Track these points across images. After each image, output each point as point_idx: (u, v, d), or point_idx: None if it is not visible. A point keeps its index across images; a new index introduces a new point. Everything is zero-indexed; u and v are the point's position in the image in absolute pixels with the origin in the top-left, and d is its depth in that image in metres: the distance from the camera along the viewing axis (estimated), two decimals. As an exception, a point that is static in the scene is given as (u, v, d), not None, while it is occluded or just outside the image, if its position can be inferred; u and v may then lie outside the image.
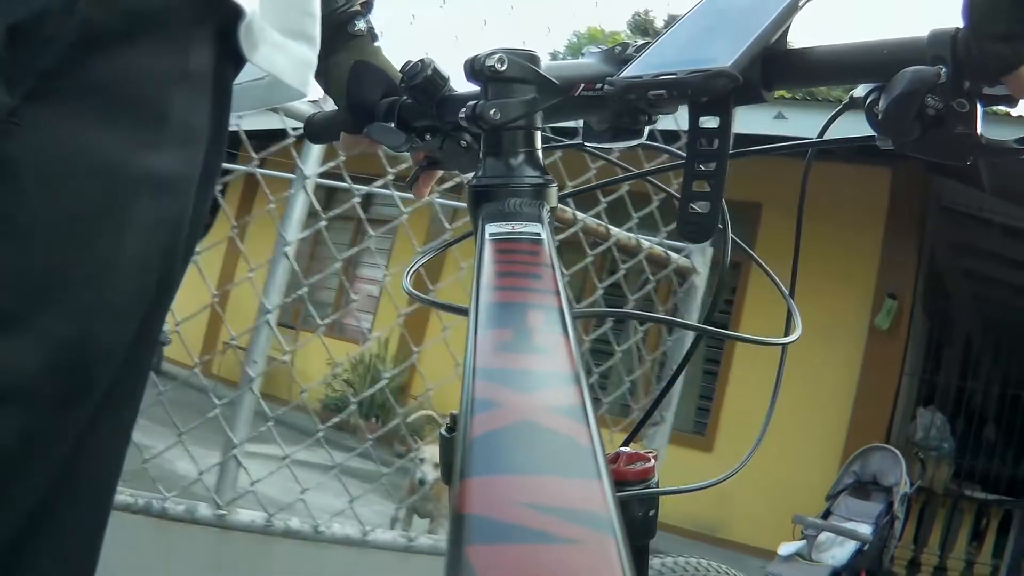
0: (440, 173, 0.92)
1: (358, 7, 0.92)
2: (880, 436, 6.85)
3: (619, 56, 0.71)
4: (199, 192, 0.78)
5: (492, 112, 0.66)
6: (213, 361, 8.48)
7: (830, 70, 0.61)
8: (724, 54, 0.59)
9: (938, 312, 8.31)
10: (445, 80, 0.78)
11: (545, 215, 0.63)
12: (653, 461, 0.75)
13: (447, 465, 0.64)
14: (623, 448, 0.75)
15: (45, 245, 0.66)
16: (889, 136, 0.59)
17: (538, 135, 0.69)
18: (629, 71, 0.64)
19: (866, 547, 5.16)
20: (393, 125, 0.84)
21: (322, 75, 0.91)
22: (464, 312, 0.54)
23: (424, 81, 0.77)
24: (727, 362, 8.01)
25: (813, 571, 5.14)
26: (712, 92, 0.59)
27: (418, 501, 4.31)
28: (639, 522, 0.72)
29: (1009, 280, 8.34)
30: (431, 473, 4.06)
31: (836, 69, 0.61)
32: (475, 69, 0.67)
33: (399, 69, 0.82)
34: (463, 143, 0.78)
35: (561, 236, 2.54)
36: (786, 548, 5.30)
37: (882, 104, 0.57)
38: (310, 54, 0.85)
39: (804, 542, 5.34)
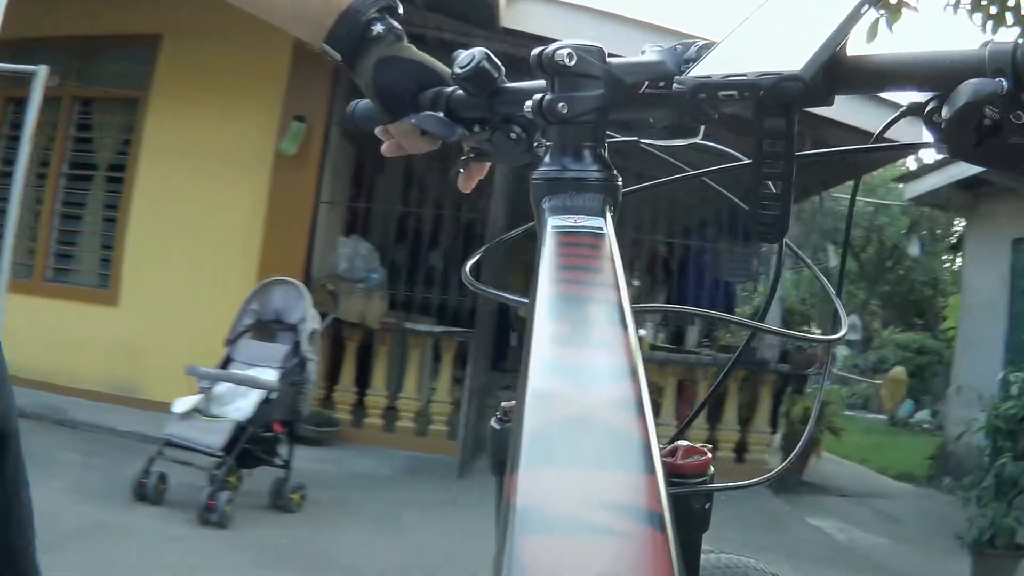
0: (488, 165, 0.93)
1: (375, 13, 0.90)
2: (298, 270, 6.45)
3: (681, 54, 0.71)
4: None
5: (560, 106, 0.67)
6: None
7: (892, 78, 0.63)
8: (794, 58, 0.60)
9: (370, 137, 7.93)
10: (499, 71, 0.79)
11: (608, 210, 0.63)
12: (709, 455, 0.75)
13: (496, 456, 0.76)
14: (681, 442, 0.74)
15: None
16: (949, 144, 0.60)
17: (603, 130, 0.69)
18: (698, 71, 0.64)
19: (273, 395, 4.67)
20: (442, 115, 0.84)
21: (357, 81, 0.92)
22: (524, 303, 0.56)
23: (477, 71, 0.78)
24: (126, 209, 7.09)
25: (213, 427, 4.55)
26: (784, 96, 0.60)
27: None
28: (696, 516, 0.72)
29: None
30: None
31: (898, 77, 0.63)
32: (543, 63, 0.67)
33: (452, 59, 0.81)
34: (513, 135, 0.80)
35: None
36: (181, 404, 4.65)
37: (945, 113, 0.58)
38: None
39: (201, 396, 4.72)
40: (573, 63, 0.66)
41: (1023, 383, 5.51)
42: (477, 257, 0.83)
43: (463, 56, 0.79)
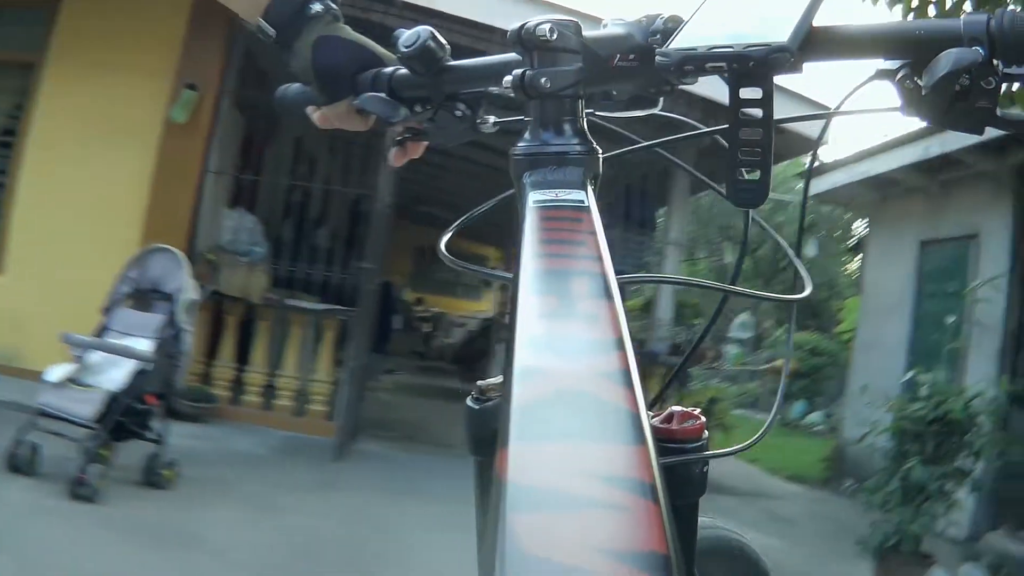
0: (424, 145, 0.91)
1: None
2: (182, 240, 6.26)
3: (647, 27, 0.73)
4: None
5: (543, 81, 0.66)
6: None
7: (863, 46, 0.65)
8: (772, 29, 0.62)
9: (261, 108, 7.74)
10: (445, 50, 0.79)
11: (589, 183, 0.64)
12: (703, 419, 0.75)
13: (475, 436, 0.73)
14: (675, 407, 0.75)
15: None
16: (923, 108, 0.63)
17: (581, 104, 0.69)
18: (679, 43, 0.66)
19: (147, 366, 4.55)
20: (385, 96, 0.83)
21: (290, 61, 0.90)
22: (506, 279, 0.59)
23: (424, 50, 0.78)
24: (14, 175, 6.87)
25: (86, 397, 4.40)
26: (773, 67, 0.62)
27: None
28: (694, 480, 0.72)
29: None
30: None
31: (870, 46, 0.65)
32: (523, 38, 0.67)
33: (394, 39, 0.81)
34: (458, 113, 0.81)
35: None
36: (53, 372, 4.48)
37: (926, 80, 0.61)
38: None
39: (76, 365, 4.57)
40: (554, 37, 0.66)
41: (932, 385, 5.35)
42: (452, 232, 0.82)
43: (407, 35, 0.78)
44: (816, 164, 9.73)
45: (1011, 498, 6.38)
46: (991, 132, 0.64)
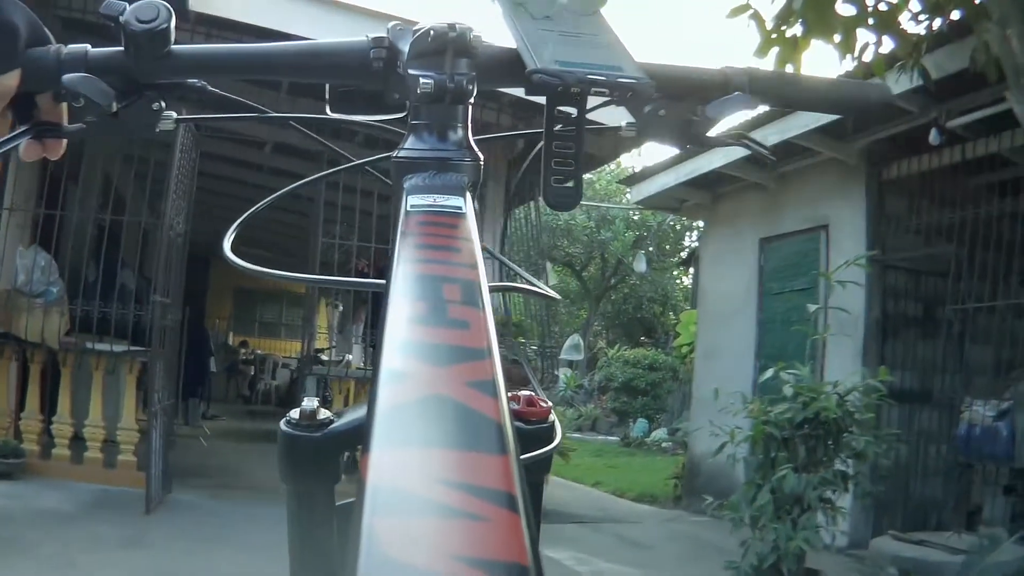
0: (64, 144, 0.75)
1: None
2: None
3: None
4: None
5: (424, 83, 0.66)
6: None
7: (664, 83, 0.72)
8: (623, 62, 0.67)
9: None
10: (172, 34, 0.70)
11: (468, 190, 0.64)
12: (550, 403, 0.78)
13: (289, 463, 0.72)
14: (522, 392, 0.77)
15: None
16: (670, 134, 0.75)
17: (469, 110, 0.68)
18: (548, 62, 0.65)
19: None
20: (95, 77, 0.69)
21: None
22: (378, 287, 0.60)
23: (165, 30, 0.68)
24: None
25: None
26: (642, 96, 0.66)
27: None
28: (541, 462, 0.74)
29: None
30: None
31: (668, 82, 0.73)
32: (454, 39, 0.66)
33: (114, 9, 0.68)
34: (156, 105, 0.72)
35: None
36: None
37: (709, 113, 0.74)
38: None
39: None
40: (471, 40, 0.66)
41: (796, 383, 4.74)
42: (235, 231, 0.78)
43: (143, 6, 0.67)
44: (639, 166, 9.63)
45: (891, 499, 6.20)
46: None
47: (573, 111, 0.66)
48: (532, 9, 0.73)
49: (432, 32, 0.66)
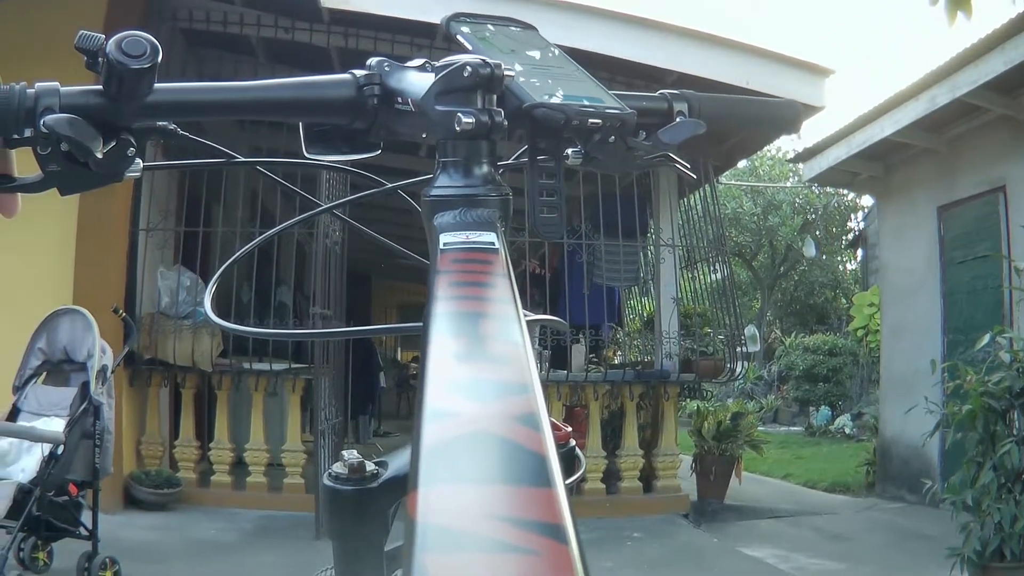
0: (19, 200, 0.82)
1: None
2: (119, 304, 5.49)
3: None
4: None
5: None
6: None
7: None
8: (599, 93, 0.69)
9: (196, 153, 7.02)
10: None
11: (500, 224, 0.63)
12: (569, 428, 0.83)
13: (337, 520, 0.80)
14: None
15: None
16: (616, 159, 0.73)
17: (495, 146, 0.68)
18: (541, 97, 0.66)
19: (60, 449, 3.77)
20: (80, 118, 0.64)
21: None
22: (411, 331, 0.63)
23: (152, 68, 0.63)
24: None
25: (-7, 492, 3.65)
26: (628, 125, 0.68)
27: None
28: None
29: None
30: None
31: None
32: (489, 75, 0.65)
33: (92, 41, 0.64)
34: (131, 151, 0.67)
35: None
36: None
37: (666, 138, 0.74)
38: None
39: (-17, 455, 3.83)
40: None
41: (1012, 346, 4.40)
42: (216, 283, 0.80)
43: (130, 42, 0.62)
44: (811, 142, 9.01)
45: None
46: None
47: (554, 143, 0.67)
48: (498, 44, 0.74)
49: (468, 68, 0.64)
